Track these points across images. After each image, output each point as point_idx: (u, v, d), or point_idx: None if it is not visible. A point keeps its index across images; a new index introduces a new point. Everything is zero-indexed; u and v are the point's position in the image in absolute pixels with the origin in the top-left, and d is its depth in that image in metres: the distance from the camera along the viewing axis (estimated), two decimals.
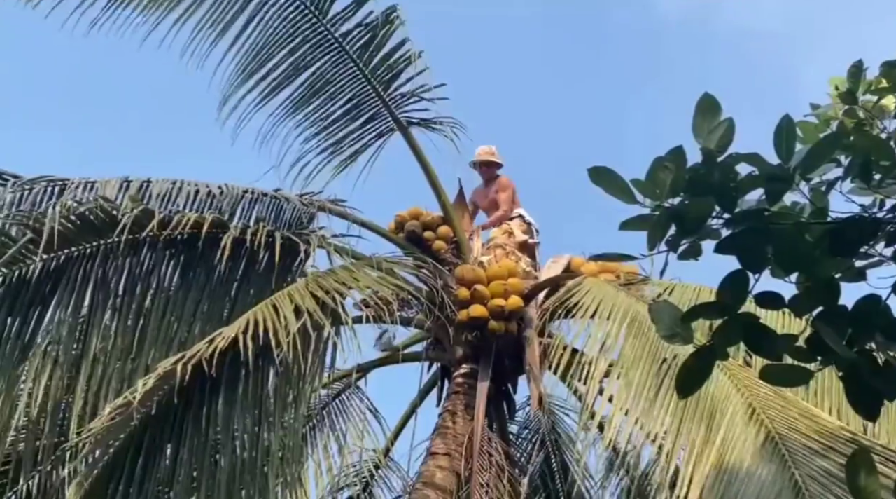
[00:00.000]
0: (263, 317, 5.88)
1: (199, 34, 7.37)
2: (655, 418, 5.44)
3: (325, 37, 7.57)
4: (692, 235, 2.72)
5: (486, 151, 8.35)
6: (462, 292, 7.41)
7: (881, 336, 2.64)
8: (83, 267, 6.58)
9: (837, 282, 2.71)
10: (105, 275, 6.60)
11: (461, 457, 6.90)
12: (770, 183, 2.69)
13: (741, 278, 2.72)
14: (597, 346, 6.27)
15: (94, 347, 6.36)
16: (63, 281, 6.52)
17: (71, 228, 6.53)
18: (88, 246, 6.64)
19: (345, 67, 7.66)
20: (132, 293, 6.60)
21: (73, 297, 6.49)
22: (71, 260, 6.59)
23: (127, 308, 6.56)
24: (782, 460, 4.69)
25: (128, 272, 6.65)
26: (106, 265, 6.62)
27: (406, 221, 8.11)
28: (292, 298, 6.14)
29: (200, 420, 5.87)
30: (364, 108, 7.86)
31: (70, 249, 6.59)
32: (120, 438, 5.78)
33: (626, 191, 2.80)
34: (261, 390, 5.96)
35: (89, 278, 6.55)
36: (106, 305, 6.53)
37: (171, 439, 5.84)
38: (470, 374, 7.36)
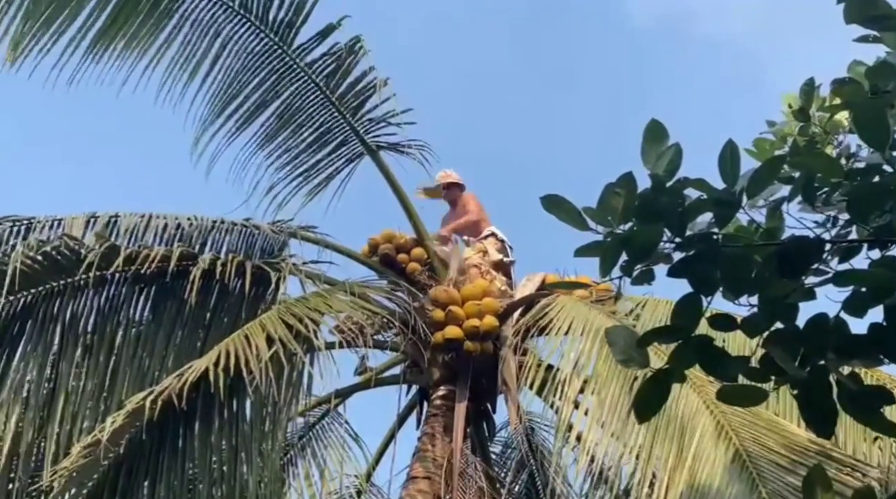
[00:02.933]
0: (235, 347, 5.87)
1: (170, 76, 7.39)
2: (629, 436, 5.46)
3: (292, 67, 7.59)
4: (643, 260, 2.75)
5: (443, 176, 8.41)
6: (437, 314, 7.42)
7: (832, 353, 2.67)
8: (50, 306, 6.55)
9: (791, 303, 2.74)
10: (74, 313, 6.58)
11: (442, 479, 6.88)
12: (717, 207, 2.72)
13: (693, 302, 2.75)
14: (570, 363, 6.30)
15: (65, 386, 6.32)
16: (31, 321, 6.48)
17: (37, 267, 6.50)
18: (55, 284, 6.61)
19: (312, 96, 7.69)
20: (102, 330, 6.57)
21: (43, 336, 6.46)
22: (38, 299, 6.56)
23: (98, 345, 6.53)
24: (750, 477, 4.72)
25: (97, 309, 6.63)
26: (74, 303, 6.59)
27: (379, 245, 8.12)
28: (264, 327, 6.13)
29: (175, 456, 5.83)
30: (333, 134, 7.90)
31: (37, 289, 6.56)
32: (93, 478, 5.73)
33: (577, 218, 2.83)
34: (236, 422, 5.94)
35: (57, 317, 6.52)
36: (76, 342, 6.50)
37: (146, 476, 5.80)
38: (447, 395, 7.35)
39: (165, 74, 7.38)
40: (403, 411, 7.88)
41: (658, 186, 2.76)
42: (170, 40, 7.30)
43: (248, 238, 7.35)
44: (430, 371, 7.49)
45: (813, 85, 3.76)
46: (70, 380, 6.37)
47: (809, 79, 3.79)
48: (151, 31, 7.18)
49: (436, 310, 7.46)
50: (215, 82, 7.49)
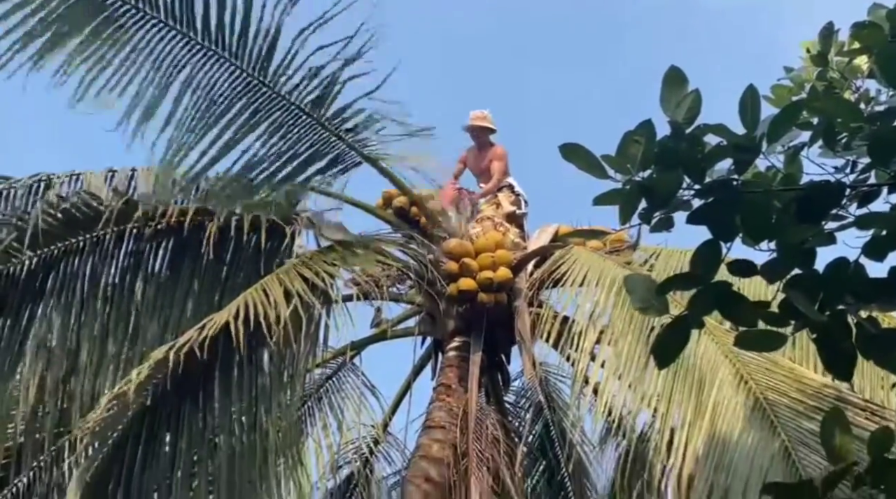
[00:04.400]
0: (254, 301, 5.92)
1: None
2: (647, 385, 5.50)
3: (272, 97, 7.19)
4: (662, 207, 2.76)
5: (479, 116, 8.30)
6: (451, 266, 7.45)
7: (851, 298, 2.68)
8: (71, 262, 6.61)
9: (810, 247, 2.74)
10: (94, 268, 6.64)
11: (457, 429, 6.97)
12: (737, 153, 2.72)
13: (713, 248, 2.76)
14: (586, 315, 6.33)
15: (88, 340, 6.41)
16: (52, 277, 6.55)
17: (56, 224, 6.55)
18: (75, 240, 6.66)
19: (300, 119, 7.13)
20: (122, 285, 6.64)
21: (65, 291, 6.53)
22: (58, 256, 6.62)
23: (118, 299, 6.60)
24: (771, 425, 4.75)
25: (117, 264, 6.68)
26: (94, 258, 6.65)
27: (393, 197, 8.13)
28: (281, 281, 6.18)
29: (197, 407, 5.93)
30: (325, 150, 7.51)
31: (57, 245, 6.61)
32: (118, 429, 5.84)
33: (597, 166, 2.82)
34: (255, 374, 6.02)
35: (78, 273, 6.58)
36: (97, 297, 6.57)
37: (168, 427, 5.90)
38: (462, 347, 7.42)
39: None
40: (418, 363, 7.97)
41: (677, 132, 2.75)
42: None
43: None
44: (445, 323, 7.55)
45: (832, 30, 3.72)
46: (93, 333, 6.45)
47: (828, 23, 3.75)
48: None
49: (450, 262, 7.49)
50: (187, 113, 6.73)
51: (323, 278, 6.34)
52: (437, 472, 6.81)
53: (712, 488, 4.93)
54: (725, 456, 4.89)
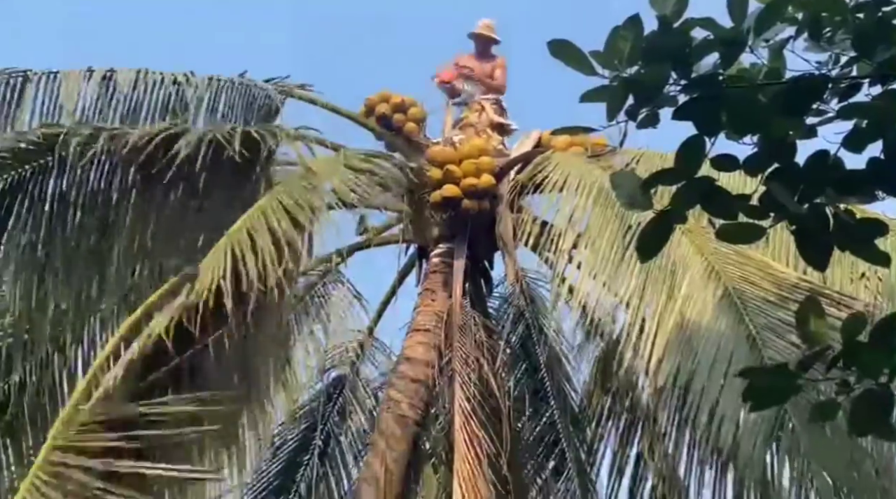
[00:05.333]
0: (241, 248, 5.71)
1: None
2: (621, 283, 5.65)
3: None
4: (649, 103, 2.80)
5: (487, 26, 8.28)
6: (434, 173, 7.50)
7: (830, 190, 2.77)
8: (38, 184, 6.46)
9: (791, 141, 2.81)
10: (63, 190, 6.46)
11: (442, 332, 7.13)
12: (724, 47, 2.75)
13: (697, 143, 2.81)
14: (566, 217, 6.43)
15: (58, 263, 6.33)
16: (20, 198, 6.42)
17: (23, 146, 6.41)
18: (42, 162, 6.47)
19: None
20: (93, 204, 6.48)
21: (33, 213, 6.40)
22: (25, 177, 6.48)
23: (89, 220, 6.45)
24: (738, 313, 4.92)
25: (87, 184, 6.51)
26: (65, 179, 6.48)
27: (376, 105, 8.10)
28: (266, 216, 5.98)
29: None
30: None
31: (24, 167, 6.47)
32: None
33: (585, 63, 2.85)
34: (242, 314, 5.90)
35: (47, 195, 6.41)
36: (66, 219, 6.43)
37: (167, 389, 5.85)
38: (446, 253, 7.53)
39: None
40: (403, 269, 8.08)
41: (665, 26, 2.78)
42: None
43: (244, 96, 7.28)
44: (429, 230, 7.63)
45: None
46: (62, 256, 6.39)
47: None
48: None
49: (433, 169, 7.53)
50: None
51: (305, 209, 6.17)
52: (423, 372, 7.00)
53: (679, 371, 5.13)
54: (693, 342, 5.09)
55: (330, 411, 8.00)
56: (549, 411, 7.74)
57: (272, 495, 7.95)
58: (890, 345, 2.51)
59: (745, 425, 4.81)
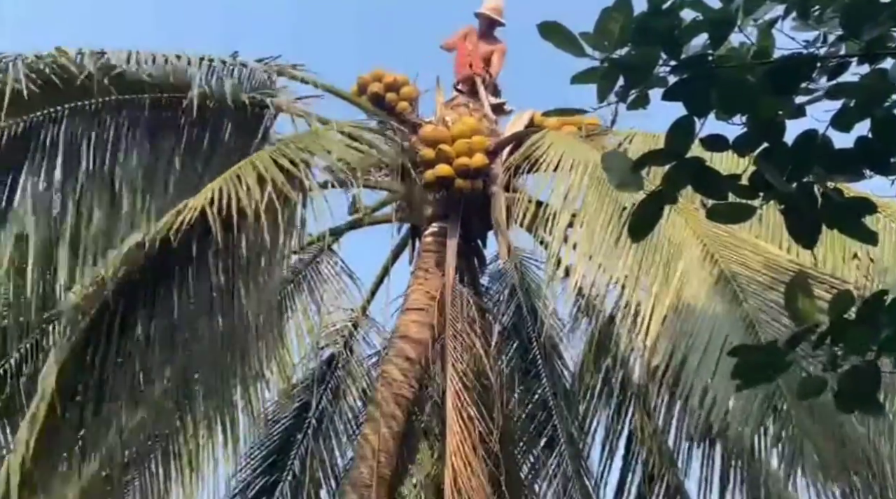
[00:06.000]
0: (228, 188, 5.94)
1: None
2: (617, 262, 5.67)
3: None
4: (640, 84, 2.81)
5: (496, 8, 8.26)
6: (427, 153, 7.50)
7: (819, 169, 2.79)
8: (50, 132, 6.55)
9: (780, 121, 2.83)
10: (73, 140, 6.59)
11: (434, 311, 7.17)
12: (713, 27, 2.76)
13: (687, 124, 2.83)
14: (560, 197, 6.44)
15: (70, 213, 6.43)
16: (31, 146, 6.50)
17: (34, 89, 6.43)
18: (53, 110, 6.56)
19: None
20: (102, 159, 6.62)
21: (45, 161, 6.50)
22: (36, 125, 6.55)
23: (99, 174, 6.59)
24: (734, 295, 4.96)
25: (96, 138, 6.63)
26: (73, 129, 6.59)
27: (368, 84, 8.08)
28: (255, 166, 6.19)
29: (171, 290, 6.03)
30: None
31: (36, 113, 6.53)
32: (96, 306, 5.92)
33: (575, 44, 2.85)
34: (231, 257, 6.09)
35: (58, 142, 6.52)
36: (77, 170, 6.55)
37: (143, 306, 6.01)
38: (439, 232, 7.55)
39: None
40: (396, 248, 8.10)
41: (655, 8, 2.79)
42: None
43: (236, 76, 7.28)
44: (422, 209, 7.65)
45: None
46: (74, 208, 6.47)
47: None
48: None
49: (426, 148, 7.53)
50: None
51: (298, 165, 6.35)
52: (416, 351, 7.04)
53: (674, 351, 5.17)
54: (688, 323, 5.12)
55: (324, 390, 8.05)
56: (540, 388, 7.79)
57: (266, 472, 8.01)
58: (877, 322, 2.54)
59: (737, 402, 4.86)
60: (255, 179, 6.07)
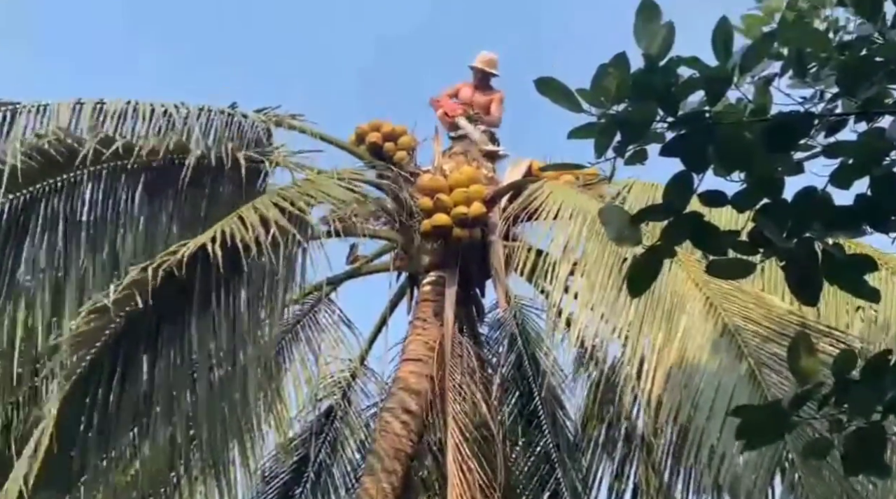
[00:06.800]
0: (231, 227, 5.94)
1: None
2: (619, 313, 5.62)
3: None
4: (637, 140, 2.80)
5: (489, 60, 8.34)
6: (425, 202, 7.50)
7: (819, 225, 2.76)
8: (50, 202, 6.58)
9: (779, 177, 2.81)
10: (74, 208, 6.61)
11: (433, 361, 7.10)
12: (709, 84, 2.75)
13: (685, 179, 2.81)
14: (560, 247, 6.42)
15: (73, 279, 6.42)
16: (34, 218, 6.52)
17: (33, 163, 6.48)
18: (53, 181, 6.61)
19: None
20: (103, 224, 6.64)
21: (47, 233, 6.51)
22: (38, 196, 6.58)
23: (99, 239, 6.59)
24: (738, 349, 4.90)
25: (96, 203, 6.66)
26: (73, 198, 6.62)
27: (366, 133, 8.11)
28: (257, 209, 6.20)
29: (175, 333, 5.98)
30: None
31: (35, 186, 6.57)
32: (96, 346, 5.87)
33: (571, 100, 2.85)
34: (234, 303, 6.05)
35: (58, 214, 6.55)
36: (79, 237, 6.56)
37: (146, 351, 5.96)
38: (437, 281, 7.51)
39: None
40: (394, 298, 8.05)
41: (651, 64, 2.78)
42: None
43: (234, 126, 7.30)
44: (420, 258, 7.62)
45: None
46: (76, 273, 6.46)
47: None
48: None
49: (424, 198, 7.53)
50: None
51: (297, 208, 6.36)
52: (415, 402, 6.96)
53: (679, 407, 5.10)
54: (693, 379, 5.06)
55: (322, 442, 7.94)
56: (543, 440, 7.69)
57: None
58: (881, 383, 2.49)
59: (746, 460, 4.77)
60: (258, 219, 6.08)
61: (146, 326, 6.02)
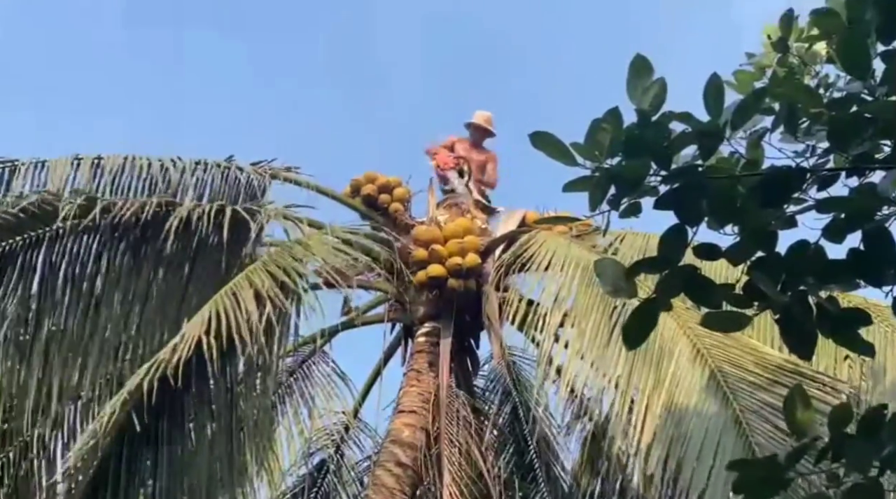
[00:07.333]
0: (224, 309, 5.84)
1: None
2: (609, 364, 5.62)
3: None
4: (631, 193, 2.82)
5: (486, 119, 8.42)
6: (420, 253, 7.51)
7: (812, 279, 2.78)
8: (29, 254, 6.51)
9: (772, 231, 2.83)
10: (53, 261, 6.54)
11: (428, 413, 7.05)
12: (702, 139, 2.79)
13: (679, 233, 2.83)
14: (551, 297, 6.43)
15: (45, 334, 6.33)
16: (10, 268, 6.45)
17: (13, 219, 6.45)
18: (34, 234, 6.56)
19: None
20: (82, 277, 6.55)
21: (22, 283, 6.44)
22: (16, 248, 6.53)
23: (77, 292, 6.51)
24: (724, 396, 4.90)
25: (76, 256, 6.59)
26: (53, 251, 6.55)
27: (361, 186, 8.15)
28: (251, 281, 6.11)
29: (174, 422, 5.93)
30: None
31: (14, 239, 6.52)
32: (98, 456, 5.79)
33: (566, 154, 2.88)
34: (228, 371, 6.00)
35: (36, 266, 6.48)
36: (55, 290, 6.47)
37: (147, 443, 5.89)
38: (432, 332, 7.49)
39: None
40: (388, 349, 8.02)
41: (644, 120, 2.82)
42: None
43: (230, 179, 7.33)
44: (414, 309, 7.61)
45: (792, 16, 3.81)
46: (50, 327, 6.38)
47: (788, 9, 3.84)
48: None
49: (418, 249, 7.55)
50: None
51: (291, 276, 6.28)
52: (409, 456, 6.89)
53: (668, 457, 5.07)
54: (681, 426, 5.04)
55: (314, 497, 7.83)
56: (538, 493, 7.61)
57: None
58: (878, 438, 2.48)
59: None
60: (252, 295, 5.98)
61: (142, 422, 5.90)
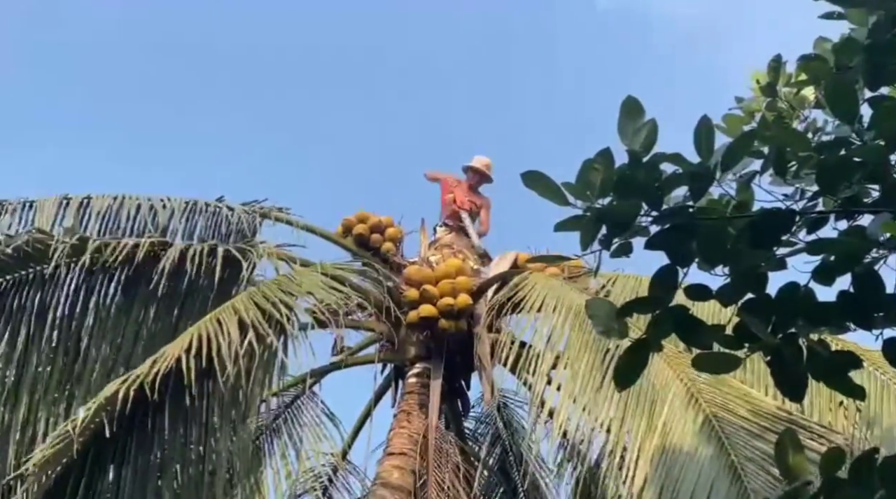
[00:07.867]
0: (207, 333, 5.85)
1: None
2: (601, 407, 5.59)
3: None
4: (622, 233, 2.83)
5: (485, 164, 8.46)
6: (411, 293, 7.49)
7: (803, 321, 2.78)
8: (18, 294, 6.49)
9: (762, 273, 2.84)
10: (43, 300, 6.51)
11: (417, 456, 6.98)
12: (692, 181, 2.81)
13: (670, 273, 2.84)
14: (543, 339, 6.41)
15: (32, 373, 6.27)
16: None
17: (4, 258, 6.44)
18: (24, 273, 6.55)
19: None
20: (71, 316, 6.52)
21: (11, 323, 6.40)
22: (6, 288, 6.50)
23: (66, 332, 6.47)
24: (719, 442, 4.87)
25: (67, 296, 6.56)
26: (43, 291, 6.53)
27: (353, 225, 8.16)
28: (236, 310, 6.12)
29: (146, 439, 5.84)
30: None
31: (5, 277, 6.49)
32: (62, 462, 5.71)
33: (557, 193, 2.89)
34: (208, 406, 5.94)
35: (25, 305, 6.45)
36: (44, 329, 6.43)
37: (113, 459, 5.80)
38: (423, 373, 7.44)
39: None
40: (379, 390, 7.96)
41: (635, 160, 2.84)
42: None
43: (221, 220, 7.33)
44: (405, 349, 7.57)
45: (780, 61, 3.87)
46: (37, 367, 6.32)
47: (777, 55, 3.90)
48: None
49: (410, 289, 7.53)
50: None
51: (279, 309, 6.27)
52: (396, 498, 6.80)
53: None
54: (674, 471, 5.00)
55: None
56: None
57: None
58: (870, 482, 2.46)
59: None
60: (236, 322, 6.00)
61: (115, 433, 5.86)
